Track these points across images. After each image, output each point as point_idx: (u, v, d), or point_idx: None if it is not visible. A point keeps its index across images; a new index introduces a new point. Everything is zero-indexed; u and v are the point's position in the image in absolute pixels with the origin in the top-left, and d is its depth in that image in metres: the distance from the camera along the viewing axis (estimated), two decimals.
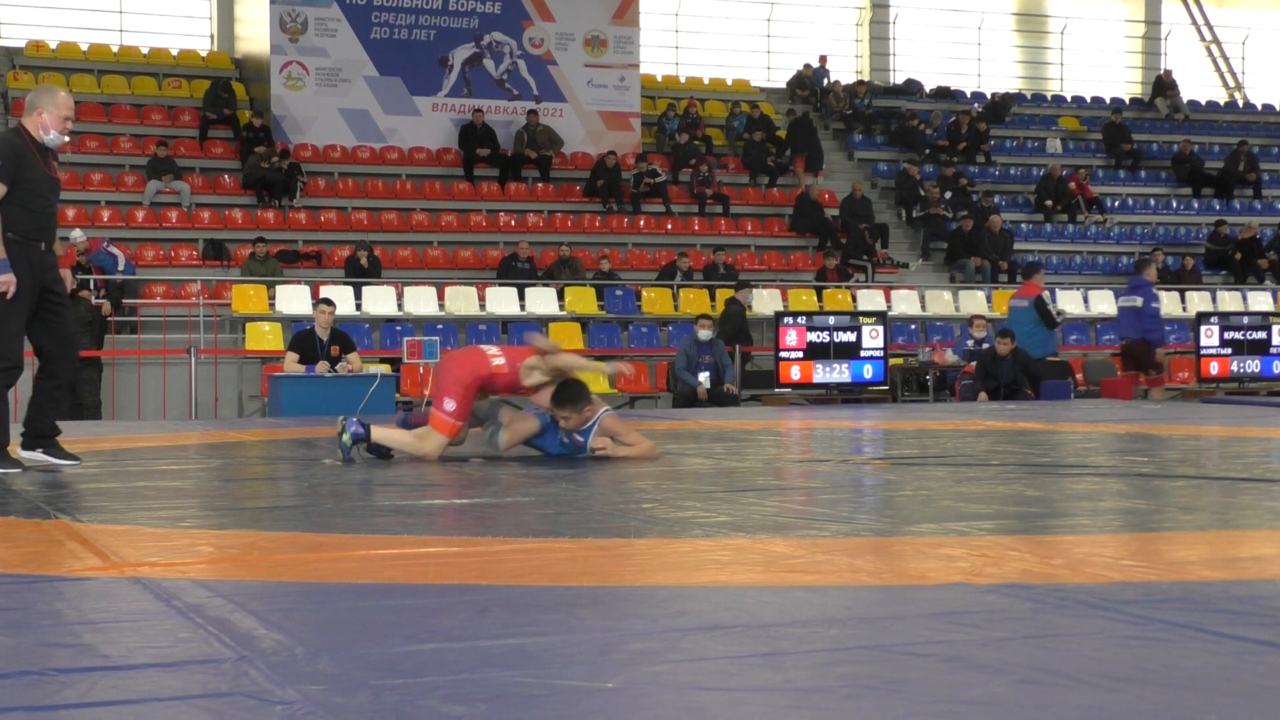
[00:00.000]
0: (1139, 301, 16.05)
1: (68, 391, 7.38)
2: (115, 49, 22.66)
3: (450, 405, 7.38)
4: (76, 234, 17.03)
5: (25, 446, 7.07)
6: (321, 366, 12.50)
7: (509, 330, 17.64)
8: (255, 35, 22.15)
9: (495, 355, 7.54)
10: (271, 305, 17.24)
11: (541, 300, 18.29)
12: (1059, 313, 16.38)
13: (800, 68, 25.62)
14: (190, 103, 21.68)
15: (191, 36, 23.79)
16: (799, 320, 15.52)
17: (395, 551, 4.44)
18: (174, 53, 22.88)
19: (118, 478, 6.81)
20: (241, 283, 17.45)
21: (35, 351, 7.08)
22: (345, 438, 7.36)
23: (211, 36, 23.79)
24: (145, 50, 22.76)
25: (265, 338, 16.29)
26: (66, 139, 7.05)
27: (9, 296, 6.70)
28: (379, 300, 17.55)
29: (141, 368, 15.60)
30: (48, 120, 6.88)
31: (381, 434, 7.50)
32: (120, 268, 17.26)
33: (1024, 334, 15.37)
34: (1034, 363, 15.32)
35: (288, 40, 21.12)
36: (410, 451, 7.50)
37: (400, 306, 17.57)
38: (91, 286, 15.88)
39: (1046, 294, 16.23)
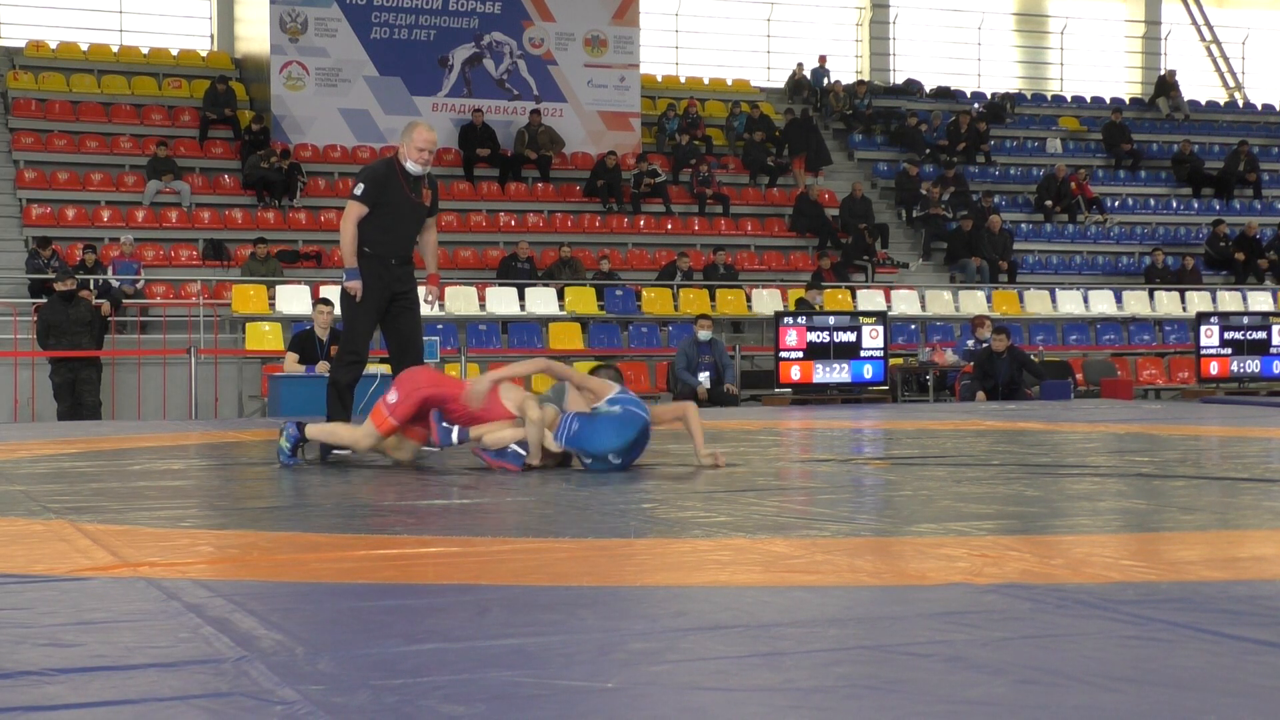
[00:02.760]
0: None
1: None
2: (115, 49, 22.64)
3: (393, 398, 7.04)
4: (127, 237, 17.76)
5: None
6: (321, 367, 12.48)
7: (509, 330, 17.64)
8: (255, 35, 22.14)
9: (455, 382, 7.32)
10: (271, 305, 17.23)
11: (541, 300, 18.28)
12: None
13: (794, 68, 25.60)
14: (190, 103, 21.67)
15: (191, 36, 23.78)
16: (799, 320, 15.49)
17: (395, 551, 4.44)
18: (174, 53, 22.87)
19: (118, 478, 6.81)
20: (241, 283, 17.44)
21: (386, 349, 7.94)
22: (283, 442, 7.18)
23: (211, 36, 23.78)
24: (145, 50, 22.74)
25: (265, 338, 16.28)
26: (425, 168, 7.76)
27: (357, 300, 7.60)
28: None
29: (141, 368, 15.60)
30: (405, 151, 7.69)
31: (316, 430, 7.29)
32: (135, 281, 17.27)
33: None
34: (1031, 360, 15.32)
35: (288, 40, 21.11)
36: (344, 442, 7.28)
37: None
38: (92, 286, 15.87)
39: None
